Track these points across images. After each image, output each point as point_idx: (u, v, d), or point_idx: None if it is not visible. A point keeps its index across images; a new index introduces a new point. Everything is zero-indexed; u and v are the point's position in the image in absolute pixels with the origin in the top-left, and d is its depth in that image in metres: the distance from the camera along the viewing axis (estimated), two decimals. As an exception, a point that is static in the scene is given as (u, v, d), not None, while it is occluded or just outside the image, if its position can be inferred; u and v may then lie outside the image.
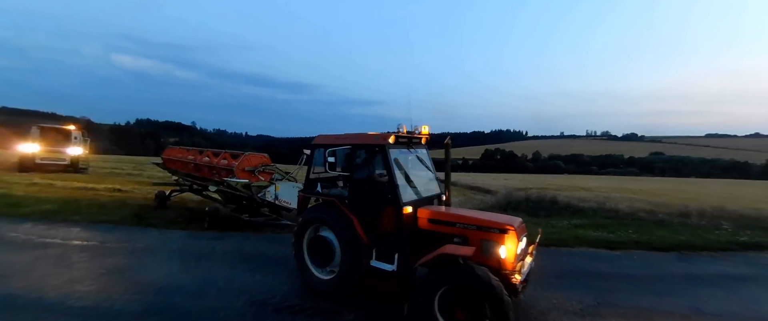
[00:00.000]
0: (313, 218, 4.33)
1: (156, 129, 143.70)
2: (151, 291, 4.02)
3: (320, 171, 4.54)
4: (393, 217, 3.80)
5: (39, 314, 3.35)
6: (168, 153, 10.14)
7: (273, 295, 4.06)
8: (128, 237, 6.37)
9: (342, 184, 4.67)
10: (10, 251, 5.25)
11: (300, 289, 4.31)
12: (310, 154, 4.61)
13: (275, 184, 7.06)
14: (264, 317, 3.54)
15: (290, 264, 5.24)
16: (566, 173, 59.42)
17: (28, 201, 8.93)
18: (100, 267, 4.75)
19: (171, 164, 9.92)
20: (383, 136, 4.07)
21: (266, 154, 8.28)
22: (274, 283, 4.43)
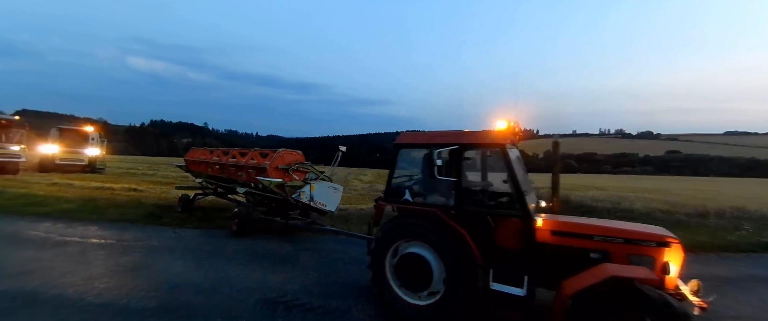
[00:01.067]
0: (401, 232, 3.64)
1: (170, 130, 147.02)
2: (165, 288, 4.10)
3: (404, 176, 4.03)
4: (518, 231, 3.28)
5: (59, 310, 3.45)
6: (191, 155, 9.72)
7: (284, 294, 4.10)
8: (144, 235, 6.53)
9: (441, 192, 3.87)
10: (31, 249, 5.43)
11: (310, 287, 4.33)
12: (394, 156, 3.97)
13: (310, 184, 6.43)
14: (275, 315, 3.57)
15: (300, 262, 5.30)
16: (579, 172, 58.35)
17: (48, 200, 9.23)
18: (117, 264, 4.88)
19: (194, 166, 9.47)
20: (502, 134, 3.51)
21: (300, 151, 7.58)
22: (284, 282, 4.47)
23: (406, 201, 3.85)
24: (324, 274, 4.84)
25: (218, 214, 8.43)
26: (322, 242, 6.58)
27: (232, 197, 8.64)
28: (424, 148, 3.77)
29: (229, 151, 8.27)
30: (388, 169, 4.02)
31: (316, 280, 4.61)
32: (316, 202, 6.43)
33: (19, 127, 16.17)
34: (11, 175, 14.77)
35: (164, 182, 15.91)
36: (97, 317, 3.35)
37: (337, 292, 4.20)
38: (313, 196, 6.35)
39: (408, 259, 3.52)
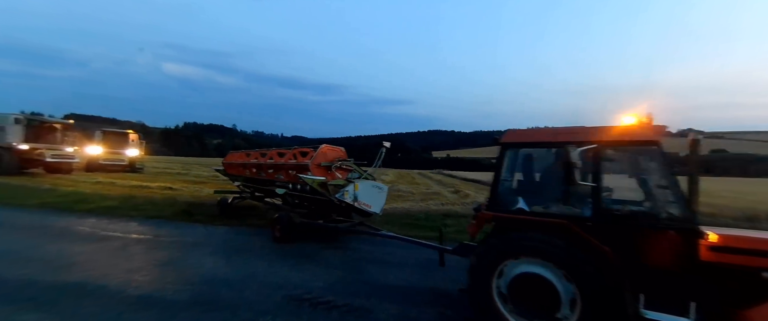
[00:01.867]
0: (515, 249, 3.06)
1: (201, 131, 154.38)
2: (198, 282, 4.30)
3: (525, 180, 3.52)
4: (676, 247, 2.72)
5: (103, 300, 3.70)
6: (229, 158, 9.46)
7: (309, 291, 4.17)
8: (178, 232, 6.88)
9: (571, 199, 3.25)
10: (78, 242, 5.86)
11: (334, 285, 4.39)
12: (500, 157, 3.42)
13: (354, 183, 5.96)
14: (301, 312, 3.65)
15: (324, 260, 5.39)
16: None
17: (93, 198, 9.93)
18: (154, 259, 5.17)
19: (232, 170, 9.21)
20: (657, 129, 2.95)
21: (342, 147, 7.08)
22: (309, 279, 4.55)
23: (521, 211, 3.26)
24: (348, 272, 4.89)
25: (246, 212, 8.73)
26: (345, 241, 6.65)
27: (269, 200, 8.43)
28: (548, 147, 3.29)
29: (266, 153, 8.03)
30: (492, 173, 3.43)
31: (340, 278, 4.66)
32: (361, 202, 5.94)
33: (73, 131, 17.59)
34: (65, 174, 16.07)
35: (197, 181, 16.71)
36: (137, 308, 3.56)
37: (360, 291, 4.23)
38: (357, 195, 5.89)
39: (524, 280, 2.98)
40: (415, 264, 5.40)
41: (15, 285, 3.97)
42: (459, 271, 5.02)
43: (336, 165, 6.51)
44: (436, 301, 4.07)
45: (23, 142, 15.15)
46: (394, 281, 4.64)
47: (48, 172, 16.06)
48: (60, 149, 16.36)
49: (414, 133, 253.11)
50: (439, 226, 4.97)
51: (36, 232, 6.36)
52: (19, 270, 4.41)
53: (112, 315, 3.39)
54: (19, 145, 14.96)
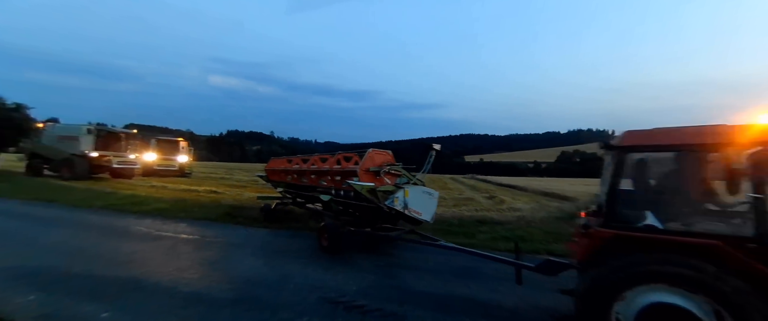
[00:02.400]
0: (647, 274, 2.56)
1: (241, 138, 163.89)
2: (240, 282, 4.52)
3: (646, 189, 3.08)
4: None
5: (156, 296, 4.00)
6: (271, 164, 9.44)
7: (343, 294, 4.23)
8: (222, 233, 7.29)
9: (723, 215, 2.78)
10: (135, 241, 6.41)
11: (367, 290, 4.41)
12: (618, 164, 2.90)
13: (404, 189, 5.61)
14: (336, 314, 3.70)
15: (356, 265, 5.43)
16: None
17: (148, 200, 10.83)
18: (200, 258, 5.52)
19: (274, 176, 9.21)
20: None
21: (389, 151, 6.67)
22: (343, 283, 4.61)
23: (652, 228, 2.76)
24: (380, 277, 4.89)
25: (283, 215, 9.07)
26: (376, 245, 6.66)
27: (310, 206, 8.33)
28: (692, 150, 2.74)
29: (308, 159, 7.90)
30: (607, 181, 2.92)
31: (373, 283, 4.68)
32: (411, 209, 5.58)
33: (135, 139, 19.43)
34: (127, 179, 17.76)
35: (238, 185, 17.68)
36: (186, 304, 3.82)
37: (393, 297, 4.21)
38: (408, 202, 5.55)
39: (657, 312, 2.50)
40: (449, 271, 5.28)
41: (81, 279, 4.42)
42: (499, 281, 4.85)
43: (384, 170, 6.13)
44: (471, 310, 3.94)
45: (94, 150, 16.91)
46: (428, 288, 4.56)
47: (113, 177, 17.81)
48: (124, 156, 18.11)
49: (445, 137, 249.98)
50: (514, 239, 4.60)
51: (100, 231, 7.05)
52: (85, 265, 4.91)
53: (164, 310, 3.66)
54: (90, 153, 16.72)
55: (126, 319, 3.45)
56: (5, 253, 5.28)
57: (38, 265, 4.83)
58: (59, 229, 7.17)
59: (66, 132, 17.38)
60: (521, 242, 6.87)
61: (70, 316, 3.44)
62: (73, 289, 4.11)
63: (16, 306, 3.58)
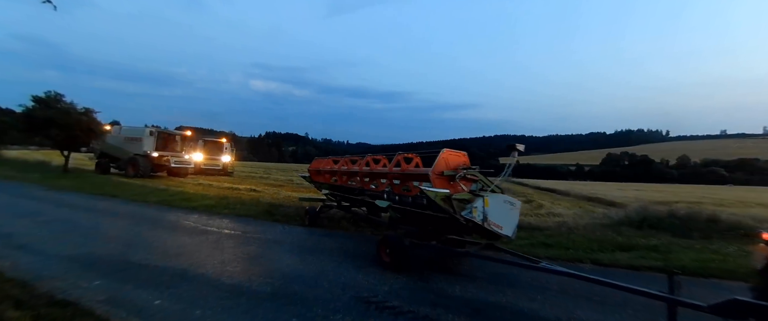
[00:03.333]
0: None
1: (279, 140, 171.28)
2: (277, 276, 4.70)
3: None
4: None
5: (203, 287, 4.28)
6: (315, 165, 9.06)
7: (375, 294, 4.25)
8: (261, 229, 7.65)
9: None
10: (184, 234, 6.90)
11: (399, 291, 4.39)
12: None
13: (484, 198, 4.71)
14: (368, 314, 3.73)
15: (388, 266, 5.43)
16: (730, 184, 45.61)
17: (195, 197, 11.63)
18: (242, 252, 5.82)
19: (318, 177, 8.81)
20: None
21: (464, 151, 5.70)
22: (375, 283, 4.64)
23: None
24: (412, 279, 4.85)
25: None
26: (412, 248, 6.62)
27: (356, 210, 7.97)
28: None
29: (356, 160, 7.46)
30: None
31: (405, 284, 4.65)
32: (491, 222, 4.68)
33: (189, 141, 21.02)
34: (182, 177, 19.24)
35: (275, 184, 18.46)
36: (229, 295, 4.04)
37: (425, 299, 4.16)
38: (488, 213, 4.65)
39: None
40: (484, 276, 5.12)
41: (137, 267, 4.85)
42: (538, 289, 4.62)
43: (460, 174, 5.23)
44: (507, 319, 3.79)
45: (155, 150, 18.53)
46: (462, 293, 4.45)
47: (170, 175, 19.35)
48: (180, 156, 19.68)
49: (480, 138, 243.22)
50: (670, 268, 3.57)
51: (154, 224, 7.69)
52: (141, 255, 5.37)
53: (210, 300, 3.90)
54: (152, 153, 18.34)
55: (176, 307, 3.71)
56: (74, 242, 5.93)
57: (102, 254, 5.37)
58: (119, 221, 7.92)
59: (131, 134, 19.18)
60: (562, 250, 6.51)
61: (129, 302, 3.77)
62: (130, 276, 4.51)
63: (83, 290, 3.99)
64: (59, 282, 4.17)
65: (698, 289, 4.70)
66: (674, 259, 5.94)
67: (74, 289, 3.98)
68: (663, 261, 5.86)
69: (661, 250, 6.41)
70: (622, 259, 6.02)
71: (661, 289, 3.21)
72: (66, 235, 6.39)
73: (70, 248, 5.54)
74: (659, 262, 5.80)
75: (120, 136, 19.33)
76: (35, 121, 17.39)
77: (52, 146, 19.62)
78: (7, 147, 28.31)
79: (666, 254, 6.18)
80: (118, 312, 3.48)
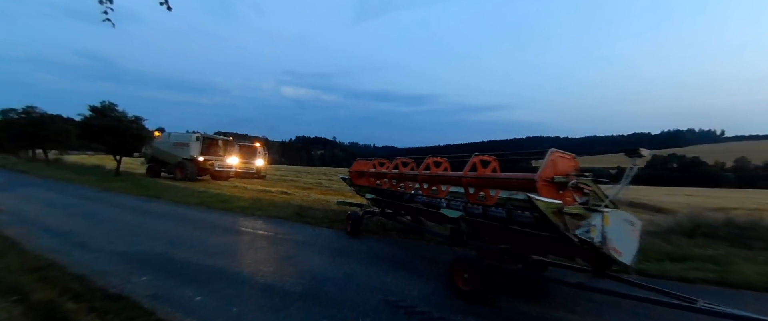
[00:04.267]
0: None
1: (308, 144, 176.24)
2: (308, 277, 4.80)
3: None
4: None
5: (238, 285, 4.47)
6: (356, 166, 8.52)
7: (404, 298, 4.21)
8: (292, 230, 7.86)
9: None
10: (222, 234, 7.24)
11: (429, 297, 4.32)
12: None
13: (604, 214, 3.67)
14: (397, 318, 3.70)
15: (418, 270, 5.36)
16: None
17: (232, 199, 12.18)
18: (274, 253, 6.00)
19: (360, 180, 8.34)
20: None
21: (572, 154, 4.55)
22: (404, 287, 4.59)
23: None
24: (442, 285, 4.76)
25: (344, 216, 9.43)
26: (440, 253, 6.52)
27: (402, 218, 7.31)
28: None
29: (408, 163, 6.93)
30: None
31: (435, 290, 4.57)
32: (610, 245, 3.64)
33: (231, 145, 22.04)
34: (224, 180, 20.14)
35: (305, 187, 18.94)
36: (262, 294, 4.18)
37: (456, 307, 4.06)
38: (607, 234, 3.64)
39: None
40: (519, 284, 4.91)
41: (180, 265, 5.14)
42: (579, 299, 4.37)
43: (573, 182, 4.19)
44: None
45: (200, 154, 19.66)
46: (497, 301, 4.29)
47: (213, 178, 20.38)
48: (223, 160, 20.72)
49: (510, 140, 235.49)
50: None
51: (195, 224, 8.13)
52: (184, 253, 5.70)
53: (245, 298, 4.05)
54: (197, 157, 19.47)
55: (215, 304, 3.89)
56: (125, 240, 6.41)
57: (148, 251, 5.76)
58: (163, 220, 8.46)
59: (179, 139, 20.40)
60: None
61: (172, 297, 4.01)
62: (174, 273, 4.79)
63: (132, 285, 4.30)
64: (111, 277, 4.52)
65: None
66: (735, 272, 5.38)
67: (124, 284, 4.29)
68: (721, 273, 5.33)
69: (719, 261, 5.84)
70: (672, 270, 5.54)
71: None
72: (117, 233, 6.93)
73: (121, 245, 6.00)
74: (716, 275, 5.28)
75: (169, 141, 20.63)
76: (92, 129, 19.09)
77: (105, 151, 21.39)
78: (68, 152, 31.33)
79: (725, 266, 5.61)
80: (164, 307, 3.71)
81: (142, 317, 3.39)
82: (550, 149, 4.31)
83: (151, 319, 3.40)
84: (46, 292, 3.71)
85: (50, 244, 5.90)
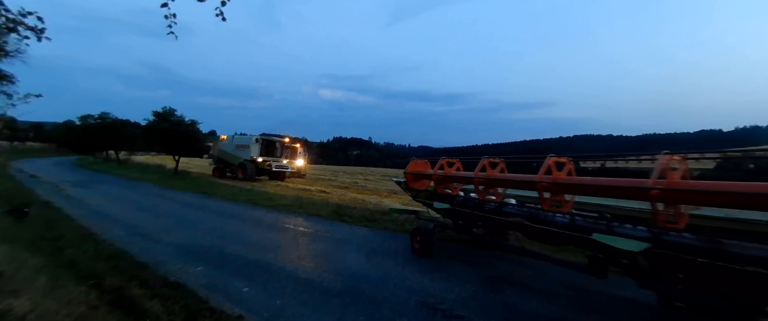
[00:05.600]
0: None
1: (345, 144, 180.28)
2: (346, 274, 4.91)
3: None
4: None
5: (282, 279, 4.69)
6: (414, 167, 7.21)
7: (442, 301, 4.14)
8: (331, 228, 8.08)
9: None
10: (267, 231, 7.64)
11: (467, 301, 4.21)
12: None
13: None
14: (435, 320, 3.65)
15: (456, 273, 5.24)
16: None
17: (275, 197, 12.81)
18: (315, 249, 6.21)
19: (418, 183, 7.22)
20: None
21: None
22: (441, 289, 4.52)
23: None
24: (482, 289, 4.61)
25: (379, 216, 9.50)
26: (480, 256, 6.33)
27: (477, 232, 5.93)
28: None
29: (497, 163, 5.61)
30: None
31: (474, 294, 4.44)
32: None
33: (286, 147, 22.62)
34: (280, 180, 20.74)
35: (342, 186, 19.41)
36: (303, 289, 4.35)
37: (496, 313, 3.91)
38: None
39: None
40: (565, 293, 4.61)
41: (230, 257, 5.51)
42: (635, 311, 4.02)
43: None
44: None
45: (260, 156, 20.50)
46: (539, 309, 4.07)
47: (271, 179, 21.13)
48: (279, 161, 21.43)
49: (555, 139, 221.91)
50: None
51: (242, 220, 8.67)
52: (233, 247, 6.09)
53: (288, 291, 4.25)
54: (257, 158, 20.33)
55: (260, 295, 4.12)
56: (182, 233, 6.99)
57: (202, 244, 6.24)
58: (215, 216, 9.12)
59: (241, 142, 21.41)
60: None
61: (223, 287, 4.30)
62: (225, 265, 5.15)
63: (189, 275, 4.68)
64: (170, 266, 4.96)
65: None
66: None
67: (182, 274, 4.69)
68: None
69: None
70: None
71: None
72: (175, 226, 7.59)
73: (179, 238, 6.57)
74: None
75: (232, 143, 21.79)
76: (155, 132, 21.13)
77: (166, 152, 23.51)
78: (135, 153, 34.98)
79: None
80: (216, 296, 4.00)
81: (197, 305, 3.68)
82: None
83: (205, 306, 3.67)
84: (117, 278, 4.17)
85: (120, 235, 6.62)
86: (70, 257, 4.94)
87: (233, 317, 3.50)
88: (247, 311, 3.69)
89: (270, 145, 21.82)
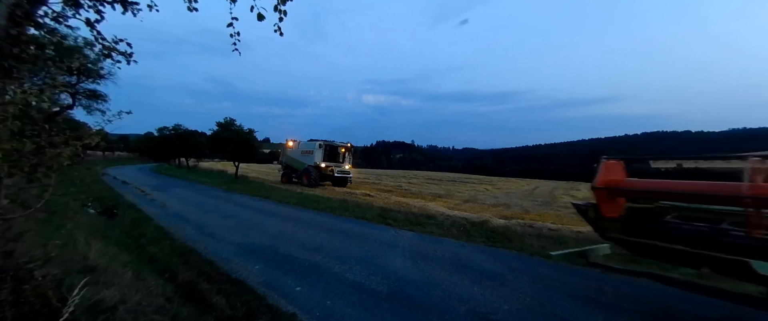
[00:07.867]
0: None
1: (387, 148, 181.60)
2: (393, 279, 4.91)
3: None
4: None
5: (331, 280, 4.83)
6: (612, 172, 4.45)
7: (494, 312, 3.95)
8: (376, 232, 8.17)
9: None
10: (316, 232, 7.93)
11: (522, 313, 3.97)
12: None
13: None
14: (487, 331, 3.49)
15: (508, 282, 4.98)
16: None
17: (323, 200, 13.31)
18: (361, 252, 6.31)
19: (611, 206, 4.45)
20: None
21: None
22: (493, 300, 4.31)
23: None
24: (538, 302, 4.31)
25: (426, 219, 9.34)
26: (534, 265, 5.96)
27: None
28: None
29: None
30: None
31: (529, 306, 4.17)
32: None
33: (349, 152, 22.38)
34: (342, 187, 20.03)
35: (385, 190, 19.58)
36: (352, 290, 4.43)
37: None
38: None
39: None
40: (637, 309, 4.13)
41: (284, 257, 5.81)
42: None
43: None
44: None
45: (323, 161, 20.52)
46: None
47: (334, 185, 20.35)
48: (342, 167, 21.33)
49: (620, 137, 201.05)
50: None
51: (295, 222, 9.12)
52: (286, 247, 6.42)
53: (337, 293, 4.36)
54: (321, 164, 20.40)
55: (312, 295, 4.28)
56: (242, 233, 7.55)
57: (260, 243, 6.67)
58: (270, 217, 9.71)
59: (306, 148, 21.64)
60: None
61: (278, 286, 4.55)
62: (279, 264, 5.44)
63: (248, 272, 5.02)
64: (232, 264, 5.37)
65: None
66: None
67: (242, 271, 5.05)
68: None
69: None
70: None
71: None
72: (236, 226, 8.22)
73: (239, 237, 7.10)
74: None
75: (298, 150, 22.25)
76: (219, 140, 23.25)
77: (227, 159, 25.73)
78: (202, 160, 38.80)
79: None
80: (272, 294, 4.24)
81: (255, 301, 3.93)
82: None
83: (263, 303, 3.91)
84: (189, 274, 4.62)
85: (190, 234, 7.34)
86: (150, 253, 5.59)
87: (287, 315, 3.68)
88: (300, 309, 3.85)
89: (333, 151, 21.60)
